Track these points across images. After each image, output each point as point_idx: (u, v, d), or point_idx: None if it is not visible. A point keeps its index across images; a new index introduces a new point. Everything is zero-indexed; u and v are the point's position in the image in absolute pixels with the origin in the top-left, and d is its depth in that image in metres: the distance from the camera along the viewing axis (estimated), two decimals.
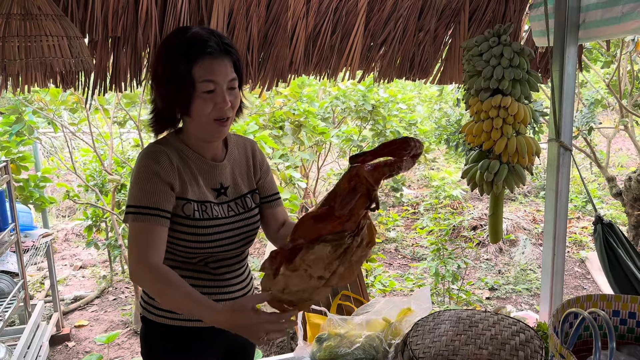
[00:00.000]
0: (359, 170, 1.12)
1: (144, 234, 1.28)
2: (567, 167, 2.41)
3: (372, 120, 5.14)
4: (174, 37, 1.35)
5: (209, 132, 1.35)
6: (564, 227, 2.47)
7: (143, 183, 1.30)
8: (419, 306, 1.59)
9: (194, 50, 1.28)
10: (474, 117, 2.34)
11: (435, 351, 1.31)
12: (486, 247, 5.38)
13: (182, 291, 1.24)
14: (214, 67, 1.29)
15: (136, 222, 1.28)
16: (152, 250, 1.27)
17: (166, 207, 1.31)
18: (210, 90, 1.29)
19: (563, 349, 0.92)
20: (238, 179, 1.46)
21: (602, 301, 1.14)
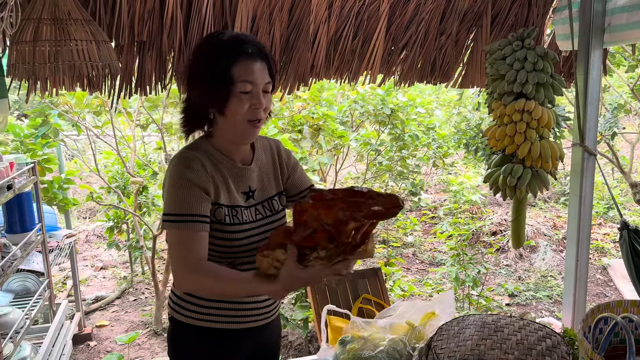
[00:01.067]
0: (305, 204, 1.15)
1: (185, 241, 1.29)
2: (591, 172, 2.38)
3: (391, 124, 5.13)
4: (213, 38, 1.37)
5: (242, 133, 1.36)
6: (588, 233, 2.43)
7: (178, 190, 1.31)
8: (443, 310, 1.58)
9: (234, 50, 1.30)
10: (496, 121, 2.32)
11: (460, 355, 1.30)
12: (506, 252, 5.32)
13: (230, 278, 1.28)
14: (253, 68, 1.31)
15: (176, 229, 1.30)
16: (194, 255, 1.29)
17: (204, 211, 1.32)
18: (247, 91, 1.30)
19: (595, 354, 0.92)
20: (265, 182, 1.47)
21: (633, 307, 1.12)
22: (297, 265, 1.19)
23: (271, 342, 1.57)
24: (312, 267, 1.18)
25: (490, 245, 5.26)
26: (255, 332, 1.47)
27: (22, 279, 3.10)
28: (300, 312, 3.46)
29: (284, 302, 4.47)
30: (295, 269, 1.19)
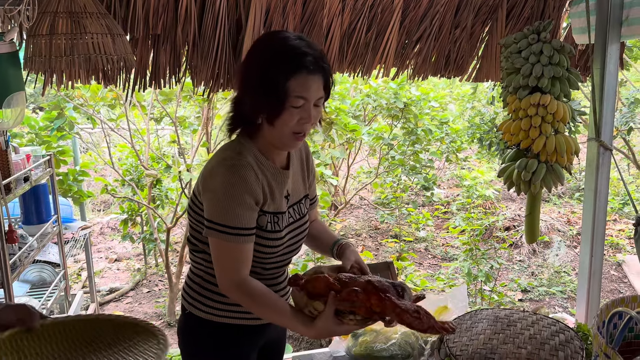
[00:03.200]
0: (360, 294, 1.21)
1: (233, 253, 1.30)
2: (606, 167, 2.36)
3: (404, 118, 5.11)
4: (272, 44, 1.33)
5: (285, 144, 1.35)
6: (603, 228, 2.41)
7: (230, 202, 1.28)
8: (456, 304, 1.58)
9: (294, 63, 1.27)
10: (511, 115, 2.30)
11: (472, 349, 1.30)
12: (519, 248, 5.29)
13: (271, 307, 1.31)
14: (309, 84, 1.28)
15: (224, 241, 1.30)
16: (241, 267, 1.31)
17: (253, 224, 1.33)
18: (299, 106, 1.28)
19: (609, 348, 0.91)
20: (297, 185, 1.47)
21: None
22: (335, 321, 1.23)
23: (280, 335, 1.59)
24: (346, 324, 1.24)
25: (504, 240, 5.23)
26: (268, 327, 1.48)
27: (38, 270, 3.15)
28: None
29: None
30: (333, 324, 1.23)
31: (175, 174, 4.26)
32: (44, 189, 2.94)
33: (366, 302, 1.18)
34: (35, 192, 2.86)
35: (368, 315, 1.21)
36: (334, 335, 1.27)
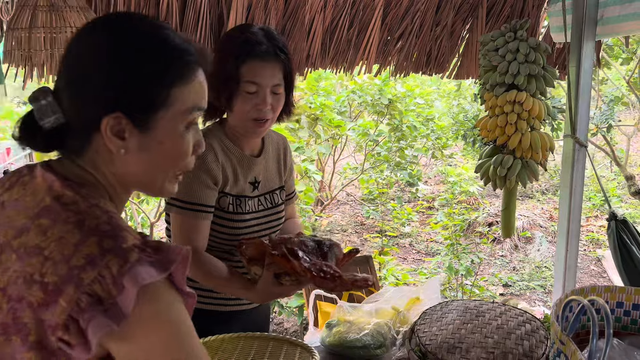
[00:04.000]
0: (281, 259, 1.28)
1: (189, 226, 1.37)
2: (582, 163, 2.41)
3: (389, 114, 5.15)
4: (233, 33, 1.41)
5: (247, 130, 1.42)
6: (578, 223, 2.47)
7: (188, 179, 1.35)
8: (428, 296, 1.62)
9: (244, 50, 1.33)
10: (489, 112, 2.35)
11: (441, 339, 1.34)
12: (501, 244, 5.36)
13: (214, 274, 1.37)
14: (260, 70, 1.34)
15: (181, 215, 1.37)
16: (195, 241, 1.37)
17: (210, 202, 1.39)
18: (252, 92, 1.34)
19: (563, 335, 0.95)
20: (269, 175, 1.53)
21: (606, 292, 1.15)
22: (274, 282, 1.29)
23: (260, 322, 1.63)
24: (285, 285, 1.31)
25: (485, 235, 5.30)
26: (245, 314, 1.52)
27: None
28: (295, 300, 3.51)
29: None
30: (272, 285, 1.29)
31: None
32: None
33: (284, 264, 1.24)
34: None
35: (297, 276, 1.26)
36: (275, 297, 1.34)
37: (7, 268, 0.68)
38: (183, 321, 0.73)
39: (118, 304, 0.65)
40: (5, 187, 0.77)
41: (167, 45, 0.76)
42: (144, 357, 0.70)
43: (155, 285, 0.69)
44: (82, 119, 0.75)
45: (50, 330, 0.65)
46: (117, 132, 0.74)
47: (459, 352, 1.29)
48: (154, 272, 0.68)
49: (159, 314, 0.69)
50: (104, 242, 0.67)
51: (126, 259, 0.66)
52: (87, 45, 0.77)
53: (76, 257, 0.66)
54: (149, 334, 0.69)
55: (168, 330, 0.70)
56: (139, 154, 0.76)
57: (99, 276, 0.65)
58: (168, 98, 0.75)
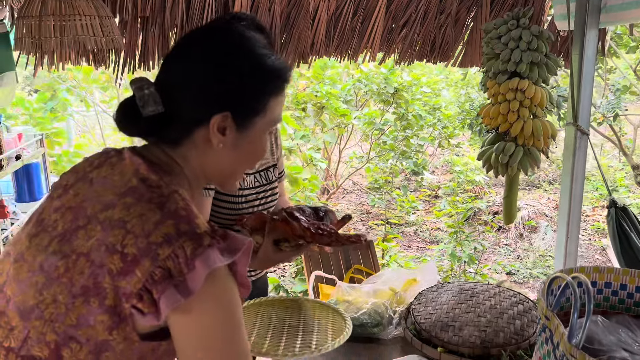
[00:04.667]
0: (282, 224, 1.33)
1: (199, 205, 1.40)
2: (583, 151, 2.42)
3: (395, 103, 5.16)
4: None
5: None
6: (579, 211, 2.48)
7: None
8: (425, 278, 1.66)
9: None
10: (491, 99, 2.36)
11: (436, 317, 1.38)
12: (506, 232, 5.38)
13: None
14: None
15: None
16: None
17: None
18: None
19: (548, 311, 0.99)
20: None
21: (595, 272, 1.19)
22: (273, 249, 1.34)
23: (261, 290, 1.73)
24: (284, 252, 1.36)
25: (488, 224, 5.32)
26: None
27: None
28: (300, 285, 3.57)
29: (285, 275, 4.58)
30: (272, 252, 1.34)
31: None
32: (36, 168, 3.00)
33: (285, 228, 1.30)
34: (28, 171, 2.92)
35: (296, 241, 1.33)
36: (276, 263, 1.38)
37: (91, 237, 0.76)
38: (236, 308, 0.78)
39: (187, 281, 0.72)
40: (94, 166, 0.86)
41: (273, 59, 0.87)
42: (195, 333, 0.75)
43: (220, 269, 0.75)
44: (192, 114, 0.84)
45: (125, 297, 0.72)
46: (221, 129, 0.83)
47: (452, 330, 1.33)
48: (222, 258, 0.75)
49: (218, 297, 0.76)
50: (180, 225, 0.75)
51: (200, 243, 0.74)
52: (206, 49, 0.85)
53: (155, 234, 0.74)
54: (205, 313, 0.75)
55: (222, 313, 0.76)
56: (230, 149, 0.86)
57: (173, 254, 0.72)
58: (266, 106, 0.86)
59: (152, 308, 0.72)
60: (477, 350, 1.28)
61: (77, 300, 0.74)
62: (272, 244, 1.33)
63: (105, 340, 0.74)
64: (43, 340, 0.74)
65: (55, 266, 0.76)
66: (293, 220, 1.28)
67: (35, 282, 0.77)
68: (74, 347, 0.74)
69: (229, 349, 0.76)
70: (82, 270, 0.75)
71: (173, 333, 0.76)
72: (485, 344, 1.28)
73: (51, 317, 0.75)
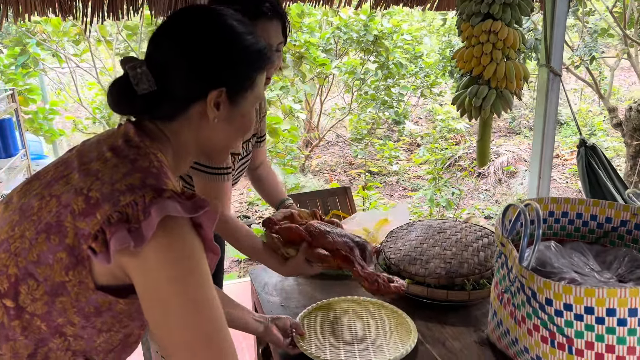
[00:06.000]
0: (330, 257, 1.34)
1: (222, 191, 1.40)
2: (556, 92, 2.45)
3: (376, 52, 5.10)
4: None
5: None
6: (551, 151, 2.55)
7: None
8: (396, 218, 1.71)
9: (251, 11, 1.29)
10: (465, 42, 2.36)
11: (404, 253, 1.44)
12: (486, 178, 5.48)
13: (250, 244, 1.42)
14: (269, 29, 1.32)
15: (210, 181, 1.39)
16: (228, 203, 1.42)
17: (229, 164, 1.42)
18: None
19: (503, 238, 1.04)
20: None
21: (553, 203, 1.24)
22: (305, 264, 1.35)
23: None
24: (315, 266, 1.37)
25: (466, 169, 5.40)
26: None
27: None
28: None
29: None
30: (303, 266, 1.35)
31: None
32: (9, 124, 2.96)
33: (334, 262, 1.31)
34: (1, 127, 2.88)
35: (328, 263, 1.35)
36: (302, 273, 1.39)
37: (69, 183, 0.81)
38: (196, 265, 0.78)
39: (142, 228, 0.74)
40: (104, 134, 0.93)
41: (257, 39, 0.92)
42: (153, 285, 0.76)
43: (178, 221, 0.77)
44: (188, 90, 0.86)
45: (83, 239, 0.76)
46: (216, 104, 0.87)
47: (419, 263, 1.39)
48: (180, 209, 0.76)
49: (174, 249, 0.76)
50: (147, 179, 0.78)
51: (161, 194, 0.76)
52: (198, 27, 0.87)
53: (120, 183, 0.77)
54: (160, 265, 0.75)
55: (179, 266, 0.76)
56: (224, 123, 0.90)
57: (134, 202, 0.75)
58: (254, 81, 0.91)
59: (103, 248, 0.74)
60: (442, 281, 1.34)
61: (40, 236, 0.77)
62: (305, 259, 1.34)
63: (62, 282, 0.77)
64: (5, 273, 0.78)
65: (32, 206, 0.81)
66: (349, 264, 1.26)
67: (12, 219, 0.82)
68: (32, 285, 0.77)
69: (188, 307, 0.76)
70: (50, 209, 0.79)
71: (135, 286, 0.78)
72: (450, 275, 1.34)
73: (16, 250, 0.78)
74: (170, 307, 0.76)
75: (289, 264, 1.37)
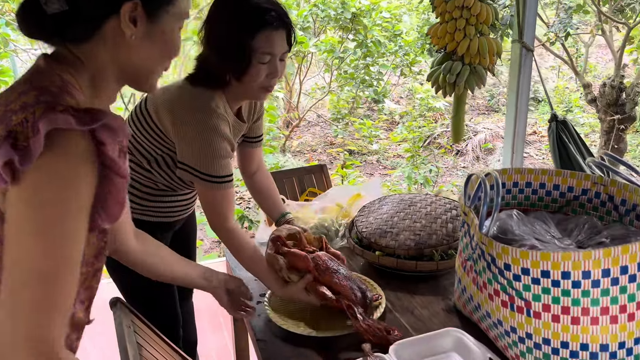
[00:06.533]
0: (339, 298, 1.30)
1: (225, 199, 1.37)
2: (528, 67, 2.48)
3: (354, 30, 5.08)
4: (235, 2, 1.32)
5: (253, 96, 1.41)
6: (524, 126, 2.58)
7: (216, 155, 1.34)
8: (369, 193, 1.73)
9: (256, 21, 1.28)
10: (439, 18, 2.36)
11: (375, 226, 1.47)
12: (464, 156, 5.54)
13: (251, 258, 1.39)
14: (274, 39, 1.30)
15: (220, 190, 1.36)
16: (229, 210, 1.39)
17: (232, 170, 1.40)
18: (266, 62, 1.31)
19: (465, 207, 1.06)
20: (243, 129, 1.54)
21: (517, 173, 1.27)
22: (304, 292, 1.34)
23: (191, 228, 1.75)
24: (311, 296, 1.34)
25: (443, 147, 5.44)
26: (179, 223, 1.61)
27: None
28: None
29: (250, 207, 4.66)
30: (300, 293, 1.34)
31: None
32: None
33: (335, 304, 1.28)
34: None
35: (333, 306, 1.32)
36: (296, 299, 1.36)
37: None
38: (74, 195, 0.72)
39: (30, 147, 0.68)
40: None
41: None
42: (23, 207, 0.71)
43: (68, 137, 0.71)
44: (100, 6, 0.81)
45: None
46: (132, 19, 0.81)
47: (389, 235, 1.42)
48: (73, 121, 0.70)
49: (53, 170, 0.70)
50: (42, 96, 0.73)
51: (53, 108, 0.71)
52: None
53: (14, 103, 0.73)
54: (33, 184, 0.70)
55: (52, 191, 0.70)
56: (143, 41, 0.84)
57: (24, 119, 0.70)
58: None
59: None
60: (411, 252, 1.37)
61: None
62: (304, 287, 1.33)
63: None
64: None
65: None
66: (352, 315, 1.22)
67: None
68: None
69: (42, 237, 0.70)
70: None
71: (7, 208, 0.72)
72: (419, 246, 1.37)
73: None
74: (23, 232, 0.70)
75: (289, 288, 1.35)
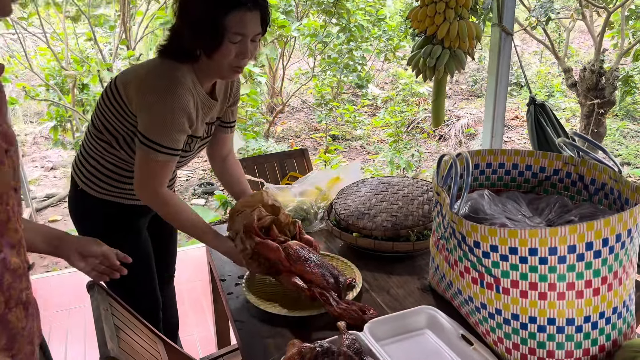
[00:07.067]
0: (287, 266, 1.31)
1: (161, 168, 1.37)
2: (507, 51, 2.50)
3: (337, 14, 5.04)
4: None
5: (222, 75, 1.40)
6: (503, 110, 2.61)
7: (171, 127, 1.34)
8: (348, 176, 1.74)
9: (230, 0, 1.28)
10: (419, 1, 2.36)
11: (353, 208, 1.48)
12: (447, 141, 5.58)
13: (189, 221, 1.40)
14: (247, 20, 1.30)
15: (154, 157, 1.35)
16: (164, 180, 1.39)
17: (181, 146, 1.40)
18: (237, 42, 1.31)
19: (438, 187, 1.08)
20: (216, 111, 1.53)
21: (490, 155, 1.29)
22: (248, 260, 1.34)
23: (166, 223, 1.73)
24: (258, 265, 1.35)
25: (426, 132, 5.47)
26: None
27: None
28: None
29: None
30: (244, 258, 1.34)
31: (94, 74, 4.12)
32: None
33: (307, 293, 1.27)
34: None
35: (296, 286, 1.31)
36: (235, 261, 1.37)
37: None
38: None
39: None
40: None
41: None
42: None
43: None
44: None
45: None
46: None
47: (367, 217, 1.43)
48: None
49: None
50: None
51: None
52: None
53: None
54: None
55: None
56: None
57: None
58: None
59: None
60: (388, 233, 1.39)
61: None
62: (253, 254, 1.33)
63: None
64: None
65: None
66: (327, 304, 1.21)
67: None
68: None
69: None
70: None
71: None
72: (396, 227, 1.39)
73: None
74: None
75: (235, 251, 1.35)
